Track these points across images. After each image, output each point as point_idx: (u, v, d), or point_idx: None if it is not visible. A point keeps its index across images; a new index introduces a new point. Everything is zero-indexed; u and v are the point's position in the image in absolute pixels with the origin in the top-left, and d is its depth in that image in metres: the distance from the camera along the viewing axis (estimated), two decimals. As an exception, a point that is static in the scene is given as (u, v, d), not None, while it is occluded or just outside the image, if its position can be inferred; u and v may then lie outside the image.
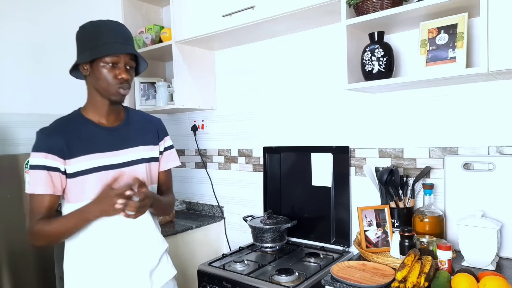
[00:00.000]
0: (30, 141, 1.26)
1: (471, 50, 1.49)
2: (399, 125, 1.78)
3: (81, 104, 1.38)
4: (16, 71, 2.24)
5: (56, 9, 2.43)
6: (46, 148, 1.22)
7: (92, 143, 1.27)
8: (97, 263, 1.28)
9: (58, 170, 1.23)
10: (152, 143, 1.42)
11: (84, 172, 1.25)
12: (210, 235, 2.38)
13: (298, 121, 2.12)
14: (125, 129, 1.36)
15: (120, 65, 1.25)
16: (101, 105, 1.31)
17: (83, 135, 1.27)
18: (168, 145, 1.49)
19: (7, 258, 1.84)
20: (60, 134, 1.25)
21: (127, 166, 1.32)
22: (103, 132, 1.31)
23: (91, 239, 1.28)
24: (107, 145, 1.30)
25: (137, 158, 1.36)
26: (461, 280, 1.20)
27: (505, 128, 1.53)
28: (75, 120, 1.31)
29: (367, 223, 1.65)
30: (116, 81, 1.25)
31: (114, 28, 1.26)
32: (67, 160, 1.24)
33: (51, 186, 1.23)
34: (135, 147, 1.36)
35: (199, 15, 2.07)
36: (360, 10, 1.55)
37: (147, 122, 1.45)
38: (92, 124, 1.30)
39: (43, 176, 1.21)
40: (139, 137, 1.38)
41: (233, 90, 2.40)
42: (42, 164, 1.22)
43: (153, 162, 1.42)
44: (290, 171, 2.13)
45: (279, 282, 1.57)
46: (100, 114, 1.32)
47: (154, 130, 1.44)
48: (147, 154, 1.39)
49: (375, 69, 1.55)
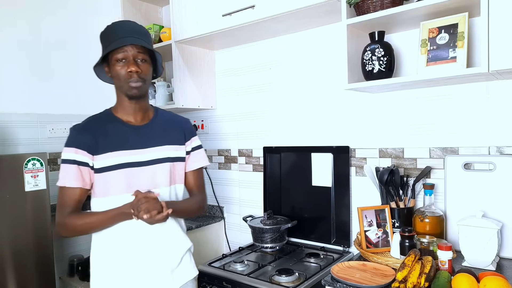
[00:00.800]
0: (30, 141, 1.27)
1: (472, 49, 1.49)
2: (400, 125, 1.78)
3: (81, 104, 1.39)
4: (16, 71, 2.24)
5: (56, 9, 2.42)
6: (76, 143, 1.29)
7: (118, 140, 1.32)
8: (121, 258, 1.32)
9: (87, 165, 1.29)
10: (178, 143, 1.44)
11: (109, 168, 1.30)
12: (210, 235, 2.37)
13: (298, 121, 2.12)
14: (152, 128, 1.40)
15: (128, 59, 1.29)
16: (127, 104, 1.36)
17: (110, 133, 1.33)
18: (196, 145, 1.52)
19: (8, 258, 1.84)
20: (90, 131, 1.31)
21: (151, 165, 1.36)
22: (130, 130, 1.36)
23: (117, 234, 1.32)
24: (132, 143, 1.34)
25: (161, 157, 1.38)
26: (461, 280, 1.20)
27: (506, 128, 1.53)
28: (105, 118, 1.37)
29: (368, 223, 1.64)
30: (126, 75, 1.29)
31: (121, 25, 1.32)
32: (94, 156, 1.29)
33: (81, 179, 1.29)
34: (160, 146, 1.39)
35: (199, 14, 2.06)
36: (361, 9, 1.55)
37: (174, 122, 1.48)
38: (120, 123, 1.36)
39: (73, 170, 1.28)
40: (165, 137, 1.41)
41: (233, 90, 2.40)
42: (73, 159, 1.28)
43: (178, 162, 1.44)
44: (290, 171, 2.13)
45: (279, 282, 1.57)
46: (128, 113, 1.37)
47: (180, 130, 1.47)
48: (172, 154, 1.42)
49: (376, 68, 1.55)
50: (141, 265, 1.33)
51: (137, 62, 1.30)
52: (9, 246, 1.85)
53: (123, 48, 1.28)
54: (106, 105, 1.46)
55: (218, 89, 2.47)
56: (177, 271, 1.40)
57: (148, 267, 1.33)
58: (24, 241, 1.90)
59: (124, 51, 1.28)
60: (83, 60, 2.56)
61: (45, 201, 1.99)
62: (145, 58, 1.32)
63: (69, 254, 2.43)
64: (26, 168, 1.90)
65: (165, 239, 1.37)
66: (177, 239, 1.41)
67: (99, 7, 2.64)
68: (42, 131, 2.32)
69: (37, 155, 1.95)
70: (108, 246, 1.33)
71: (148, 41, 1.35)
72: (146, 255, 1.33)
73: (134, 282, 1.32)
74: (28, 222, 1.92)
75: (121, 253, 1.32)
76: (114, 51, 1.28)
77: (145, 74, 1.32)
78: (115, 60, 1.29)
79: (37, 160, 1.94)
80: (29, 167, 1.91)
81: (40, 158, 1.95)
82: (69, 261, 2.36)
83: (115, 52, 1.28)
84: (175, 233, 1.41)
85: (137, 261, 1.33)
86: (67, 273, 2.36)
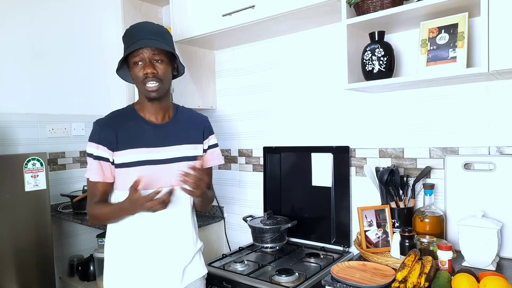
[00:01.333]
0: (30, 141, 1.27)
1: (472, 49, 1.48)
2: (400, 125, 1.78)
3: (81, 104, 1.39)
4: (16, 71, 2.24)
5: (56, 9, 2.42)
6: (98, 139, 1.33)
7: (139, 138, 1.35)
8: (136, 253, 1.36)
9: (108, 160, 1.33)
10: (196, 141, 1.48)
11: (128, 164, 1.33)
12: (210, 235, 2.37)
13: (298, 121, 2.12)
14: (172, 127, 1.42)
15: (144, 61, 1.31)
16: (148, 104, 1.39)
17: (131, 130, 1.36)
18: (212, 144, 1.55)
19: (8, 258, 1.84)
20: (112, 127, 1.34)
21: (169, 163, 1.39)
22: (150, 128, 1.38)
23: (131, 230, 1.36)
24: (152, 141, 1.37)
25: (180, 156, 1.41)
26: (461, 280, 1.20)
27: (506, 128, 1.53)
28: (127, 114, 1.40)
29: (368, 223, 1.64)
30: (143, 77, 1.32)
31: (139, 27, 1.35)
32: (115, 152, 1.33)
33: (101, 174, 1.33)
34: (179, 145, 1.42)
35: (199, 14, 2.06)
36: (361, 9, 1.55)
37: (194, 121, 1.50)
38: (142, 120, 1.39)
39: (95, 165, 1.32)
40: (184, 136, 1.44)
41: (233, 90, 2.40)
42: (95, 154, 1.32)
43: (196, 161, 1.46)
44: (290, 171, 2.13)
45: (279, 282, 1.57)
46: (149, 112, 1.40)
47: (199, 128, 1.50)
48: (190, 153, 1.45)
49: (376, 68, 1.55)
50: (155, 261, 1.37)
51: (154, 63, 1.32)
52: (9, 246, 1.85)
53: (139, 51, 1.30)
54: (106, 105, 1.47)
55: (218, 89, 2.47)
56: (188, 269, 1.44)
57: (162, 263, 1.37)
58: (24, 241, 1.90)
59: (139, 54, 1.30)
60: (83, 60, 2.56)
61: (45, 201, 1.99)
62: (161, 58, 1.33)
63: (69, 254, 2.43)
64: (26, 168, 1.90)
65: (181, 237, 1.42)
66: (191, 238, 1.46)
67: (99, 7, 2.65)
68: (42, 131, 2.32)
69: (37, 155, 1.95)
70: (123, 241, 1.37)
71: (166, 41, 1.36)
72: (161, 251, 1.37)
73: (148, 277, 1.36)
74: (28, 222, 1.92)
75: (136, 248, 1.36)
76: (131, 54, 1.31)
77: (162, 75, 1.33)
78: (133, 63, 1.32)
79: (37, 160, 1.94)
80: (29, 167, 1.91)
81: (40, 158, 1.95)
82: (69, 261, 2.36)
83: (132, 56, 1.31)
84: (190, 232, 1.45)
85: (152, 257, 1.36)
86: (67, 273, 2.36)
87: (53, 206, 2.15)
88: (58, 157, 2.41)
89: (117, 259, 1.38)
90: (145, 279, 1.36)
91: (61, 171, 2.42)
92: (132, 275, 1.36)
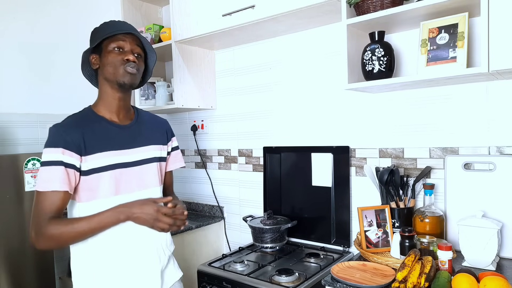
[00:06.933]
0: (30, 141, 1.25)
1: (472, 49, 1.49)
2: (400, 125, 1.78)
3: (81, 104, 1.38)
4: (16, 71, 2.24)
5: (56, 9, 2.42)
6: (64, 143, 1.18)
7: (107, 140, 1.26)
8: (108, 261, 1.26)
9: (74, 167, 1.19)
10: (161, 143, 1.44)
11: (99, 169, 1.23)
12: (210, 236, 2.37)
13: (298, 121, 2.12)
14: (137, 127, 1.36)
15: (126, 50, 1.26)
16: (112, 99, 1.30)
17: (97, 132, 1.25)
18: (175, 146, 1.52)
19: (7, 258, 1.84)
20: (77, 130, 1.22)
21: (140, 165, 1.33)
22: (116, 129, 1.30)
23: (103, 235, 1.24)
24: (120, 143, 1.29)
25: (149, 157, 1.37)
26: (461, 280, 1.20)
27: (506, 128, 1.53)
28: (88, 116, 1.29)
29: (368, 223, 1.64)
30: (122, 61, 1.25)
31: (119, 22, 1.31)
32: (83, 156, 1.21)
33: (67, 183, 1.18)
34: (147, 146, 1.37)
35: (199, 14, 2.06)
36: (361, 9, 1.55)
37: (156, 122, 1.46)
38: (105, 121, 1.29)
39: (60, 172, 1.16)
40: (150, 137, 1.39)
41: (233, 90, 2.40)
42: (59, 160, 1.17)
43: (162, 162, 1.44)
44: (290, 171, 2.13)
45: (279, 282, 1.57)
46: (111, 110, 1.31)
47: (163, 130, 1.46)
48: (158, 154, 1.41)
49: (376, 68, 1.55)
50: (133, 266, 1.29)
51: (135, 56, 1.28)
52: (9, 246, 1.85)
53: (122, 37, 1.26)
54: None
55: (218, 89, 2.47)
56: (166, 272, 1.39)
57: (140, 268, 1.30)
58: (24, 241, 1.90)
59: (122, 40, 1.25)
60: (83, 60, 2.56)
61: (45, 201, 1.98)
62: (141, 54, 1.31)
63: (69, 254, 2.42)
64: (26, 168, 1.90)
65: (155, 240, 1.34)
66: (166, 240, 1.40)
67: (99, 7, 2.64)
68: (42, 131, 2.32)
69: (37, 155, 1.95)
70: (92, 249, 1.26)
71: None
72: (137, 255, 1.29)
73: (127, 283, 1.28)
74: (28, 222, 1.92)
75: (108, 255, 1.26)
76: (110, 40, 1.26)
77: (140, 67, 1.30)
78: (111, 48, 1.25)
79: (37, 160, 1.94)
80: (29, 167, 1.91)
81: (40, 158, 1.95)
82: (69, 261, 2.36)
83: (110, 41, 1.25)
84: (164, 235, 1.38)
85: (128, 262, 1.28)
86: (67, 273, 2.36)
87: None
88: (58, 157, 2.41)
89: (89, 271, 1.26)
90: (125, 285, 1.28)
91: (61, 171, 2.42)
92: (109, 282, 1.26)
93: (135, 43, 1.29)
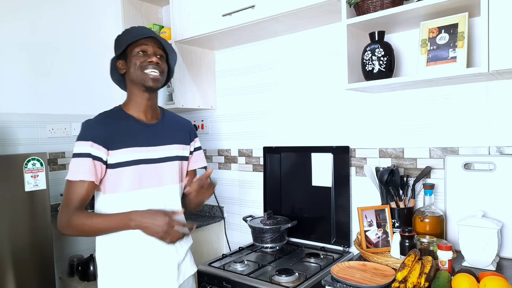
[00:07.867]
0: (30, 141, 1.26)
1: (472, 49, 1.49)
2: (400, 125, 1.78)
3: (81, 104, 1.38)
4: (16, 71, 2.24)
5: (56, 9, 2.42)
6: (92, 137, 1.28)
7: (132, 137, 1.34)
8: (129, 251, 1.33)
9: (101, 160, 1.28)
10: (184, 142, 1.50)
11: (123, 164, 1.31)
12: (210, 236, 2.37)
13: (298, 121, 2.12)
14: (162, 126, 1.43)
15: (149, 52, 1.34)
16: (140, 100, 1.38)
17: (124, 129, 1.34)
18: (197, 146, 1.59)
19: (7, 258, 1.84)
20: (105, 126, 1.32)
21: (163, 162, 1.39)
22: (142, 127, 1.38)
23: None
24: (145, 140, 1.36)
25: (172, 155, 1.43)
26: (461, 280, 1.20)
27: (506, 128, 1.53)
28: (117, 114, 1.38)
29: (368, 223, 1.64)
30: (145, 63, 1.33)
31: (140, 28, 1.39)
32: (110, 150, 1.29)
33: (94, 173, 1.27)
34: (170, 144, 1.43)
35: (199, 14, 2.06)
36: (361, 9, 1.55)
37: (180, 123, 1.53)
38: (133, 120, 1.38)
39: (88, 164, 1.26)
40: (173, 136, 1.46)
41: (233, 90, 2.40)
42: (88, 152, 1.26)
43: (184, 161, 1.50)
44: (290, 171, 2.13)
45: (279, 282, 1.57)
46: (139, 110, 1.39)
47: (186, 130, 1.53)
48: (180, 153, 1.47)
49: (376, 68, 1.55)
50: (151, 259, 1.35)
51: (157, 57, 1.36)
52: (9, 246, 1.85)
53: (144, 41, 1.34)
54: (106, 105, 1.46)
55: (218, 89, 2.47)
56: (182, 265, 1.44)
57: (158, 260, 1.36)
58: (24, 241, 1.90)
59: (145, 44, 1.34)
60: (83, 61, 2.56)
61: (45, 201, 1.99)
62: (162, 55, 1.39)
63: (69, 254, 2.43)
64: (26, 168, 1.90)
65: None
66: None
67: (99, 7, 2.64)
68: (42, 131, 2.32)
69: (37, 155, 1.95)
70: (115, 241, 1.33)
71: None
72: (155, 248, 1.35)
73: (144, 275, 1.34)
74: (28, 222, 1.92)
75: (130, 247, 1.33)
76: (134, 45, 1.34)
77: (163, 68, 1.38)
78: (136, 52, 1.34)
79: (37, 160, 1.94)
80: (29, 167, 1.91)
81: (40, 158, 1.95)
82: (69, 261, 2.36)
83: (134, 46, 1.34)
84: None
85: (146, 255, 1.34)
86: (67, 273, 2.36)
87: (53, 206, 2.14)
88: (58, 157, 2.41)
89: (111, 260, 1.35)
90: (142, 278, 1.34)
91: (61, 171, 2.42)
92: (128, 274, 1.33)
93: (157, 45, 1.37)
